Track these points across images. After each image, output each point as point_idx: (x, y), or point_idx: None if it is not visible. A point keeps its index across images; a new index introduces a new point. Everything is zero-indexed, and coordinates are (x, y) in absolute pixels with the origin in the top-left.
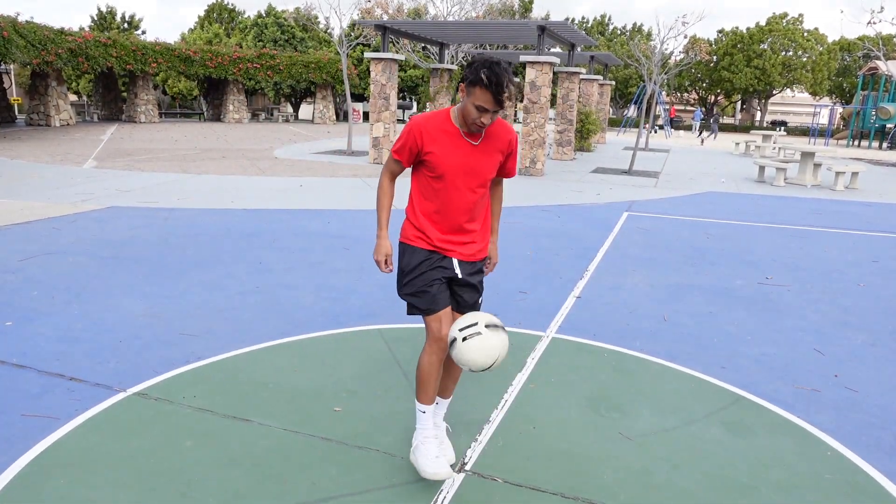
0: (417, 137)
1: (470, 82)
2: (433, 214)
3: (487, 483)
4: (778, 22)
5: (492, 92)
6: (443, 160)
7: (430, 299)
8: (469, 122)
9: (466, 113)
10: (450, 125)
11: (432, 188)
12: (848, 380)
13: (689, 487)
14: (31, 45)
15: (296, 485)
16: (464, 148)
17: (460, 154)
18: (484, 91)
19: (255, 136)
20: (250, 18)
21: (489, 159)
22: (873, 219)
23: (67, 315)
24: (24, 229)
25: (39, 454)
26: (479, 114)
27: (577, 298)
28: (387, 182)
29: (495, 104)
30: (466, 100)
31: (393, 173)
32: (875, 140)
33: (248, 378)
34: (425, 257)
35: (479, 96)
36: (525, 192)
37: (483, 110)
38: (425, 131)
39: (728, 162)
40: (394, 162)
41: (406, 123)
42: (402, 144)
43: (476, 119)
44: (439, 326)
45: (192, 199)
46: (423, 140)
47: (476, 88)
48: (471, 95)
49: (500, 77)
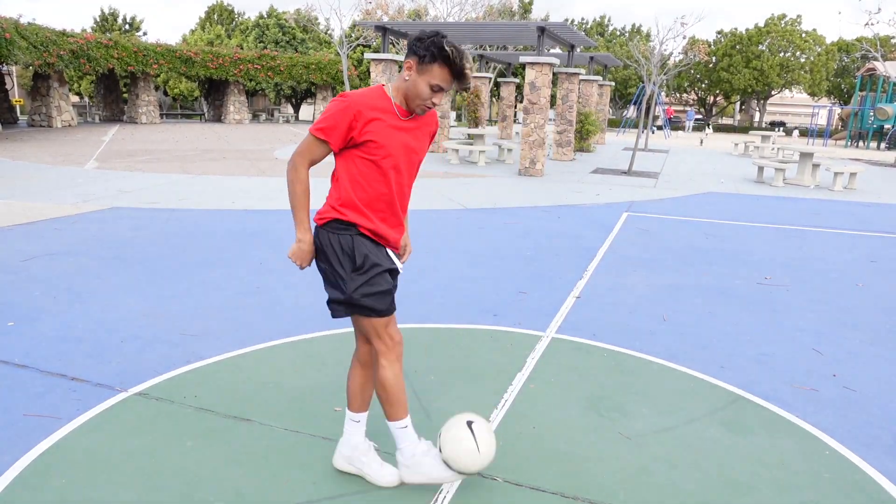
0: (356, 115)
1: (427, 59)
2: (375, 203)
3: (487, 483)
4: (776, 23)
5: (453, 69)
6: (386, 141)
7: (390, 299)
8: (417, 102)
9: (416, 93)
10: (387, 102)
11: (373, 174)
12: (846, 379)
13: (689, 487)
14: (33, 47)
15: (296, 485)
16: (402, 129)
17: (401, 135)
18: (444, 68)
19: (255, 136)
20: (251, 20)
21: (423, 143)
22: (872, 219)
23: (69, 315)
24: (27, 230)
25: (41, 454)
26: (431, 94)
27: (576, 298)
28: (305, 173)
29: (456, 82)
30: (418, 78)
31: (313, 160)
32: (873, 140)
33: (249, 378)
34: (376, 249)
35: (437, 74)
36: (525, 193)
37: (438, 90)
38: (364, 108)
39: (727, 162)
40: (318, 144)
41: (337, 98)
42: (334, 123)
43: (427, 99)
44: (395, 327)
45: (193, 200)
46: (362, 118)
47: (434, 65)
48: (425, 73)
49: (463, 53)
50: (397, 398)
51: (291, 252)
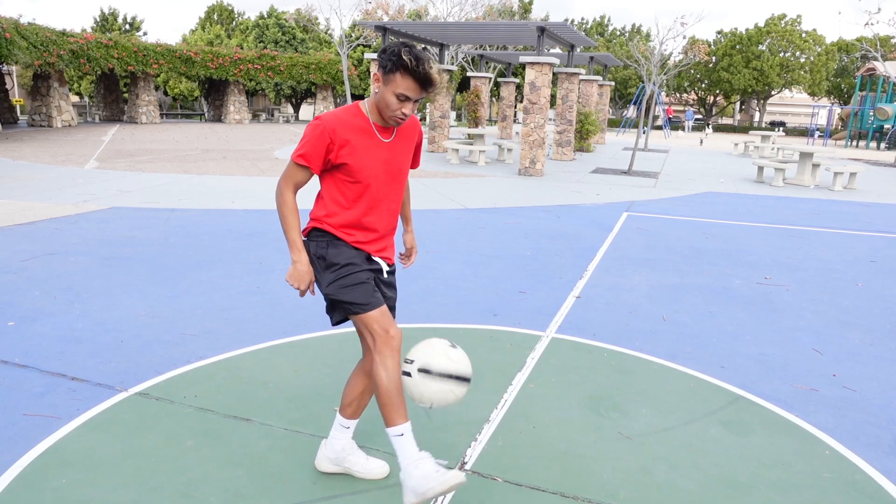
0: (329, 138)
1: (388, 69)
2: (357, 220)
3: (487, 483)
4: (776, 23)
5: (416, 76)
6: (362, 162)
7: (369, 291)
8: (388, 114)
9: (384, 105)
10: (362, 120)
11: (353, 195)
12: (846, 379)
13: (689, 487)
14: (33, 47)
15: (296, 484)
16: (381, 146)
17: (380, 153)
18: (406, 76)
19: (255, 136)
20: (251, 20)
21: (406, 157)
22: (871, 219)
23: (69, 315)
24: (27, 230)
25: (41, 453)
26: (400, 104)
27: (576, 298)
28: (291, 197)
29: (420, 90)
30: (384, 89)
31: (297, 185)
32: (873, 140)
33: (249, 378)
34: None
35: (400, 83)
36: (525, 193)
37: (405, 99)
38: (337, 130)
39: (727, 162)
40: (299, 170)
41: (312, 121)
42: (311, 149)
43: (397, 110)
44: (388, 321)
45: (193, 200)
46: (336, 141)
47: (396, 74)
48: (390, 83)
49: (423, 59)
50: (390, 399)
51: (288, 275)
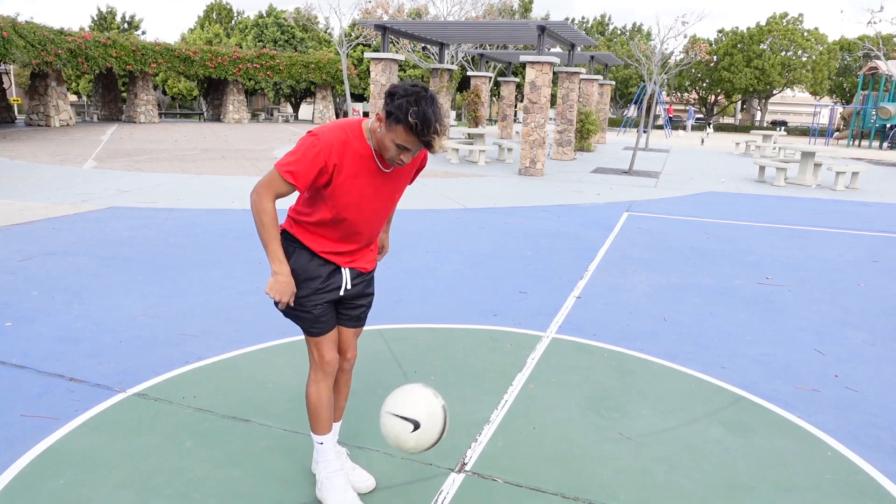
0: (324, 161)
1: (393, 119)
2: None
3: (487, 483)
4: (778, 22)
5: (418, 135)
6: (358, 193)
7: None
8: (386, 157)
9: (384, 147)
10: (366, 149)
11: (336, 218)
12: (848, 380)
13: (689, 487)
14: (31, 46)
15: (296, 485)
16: (378, 176)
17: (375, 182)
18: (408, 133)
19: (254, 136)
20: (250, 19)
21: (403, 182)
22: (873, 218)
23: (67, 315)
24: (24, 230)
25: (39, 454)
26: (398, 151)
27: (577, 298)
28: (271, 205)
29: (420, 146)
30: (385, 133)
31: (278, 195)
32: (875, 140)
33: (248, 378)
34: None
35: (401, 135)
36: (525, 192)
37: (404, 149)
38: (336, 153)
39: (728, 162)
40: (283, 184)
41: (307, 136)
42: (302, 167)
43: (395, 157)
44: (327, 347)
45: (192, 200)
46: (331, 165)
47: (399, 127)
48: (391, 131)
49: (429, 118)
50: (318, 413)
51: (269, 287)
